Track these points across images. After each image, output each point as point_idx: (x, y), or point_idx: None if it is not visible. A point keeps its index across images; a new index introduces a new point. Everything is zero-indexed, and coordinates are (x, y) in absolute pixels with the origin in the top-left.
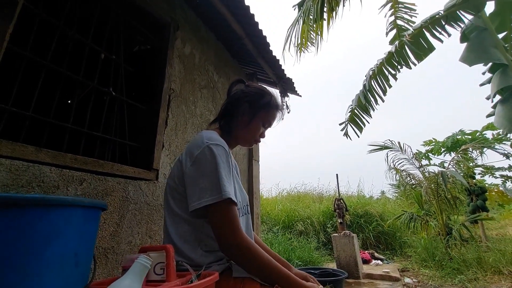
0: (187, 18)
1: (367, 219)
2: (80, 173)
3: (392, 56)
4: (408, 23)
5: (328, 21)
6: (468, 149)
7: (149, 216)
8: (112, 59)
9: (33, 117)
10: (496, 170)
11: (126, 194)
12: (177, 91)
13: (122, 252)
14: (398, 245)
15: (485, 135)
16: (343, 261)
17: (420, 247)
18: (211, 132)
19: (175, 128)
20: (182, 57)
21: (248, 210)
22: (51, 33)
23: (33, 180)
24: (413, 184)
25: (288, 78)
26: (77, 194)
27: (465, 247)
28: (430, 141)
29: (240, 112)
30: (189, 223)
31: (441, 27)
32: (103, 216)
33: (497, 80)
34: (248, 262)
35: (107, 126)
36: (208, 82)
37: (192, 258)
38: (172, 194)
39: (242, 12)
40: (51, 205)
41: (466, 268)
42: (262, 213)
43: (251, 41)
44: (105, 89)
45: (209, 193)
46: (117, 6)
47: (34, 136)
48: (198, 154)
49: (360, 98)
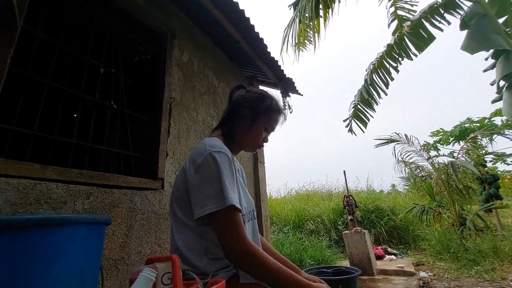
0: (183, 26)
1: (378, 214)
2: (86, 187)
3: (392, 49)
4: (409, 12)
5: (324, 18)
6: (477, 136)
7: (157, 225)
8: (112, 72)
9: (38, 136)
10: (507, 156)
11: (133, 205)
12: (178, 99)
13: (132, 262)
14: (411, 239)
15: (494, 122)
16: (356, 258)
17: (434, 239)
18: (214, 139)
19: (178, 136)
20: (181, 65)
21: (254, 215)
22: (50, 51)
23: (40, 197)
24: (423, 176)
25: (288, 78)
26: (84, 208)
27: (480, 237)
28: (438, 131)
29: (242, 118)
30: (195, 231)
31: (440, 15)
32: (111, 228)
33: (501, 66)
34: (254, 268)
35: (111, 139)
36: (208, 88)
37: (199, 266)
38: (177, 202)
39: (237, 16)
40: (54, 224)
41: (482, 258)
42: (272, 214)
43: (249, 44)
44: (107, 103)
45: (212, 201)
46: (113, 19)
47: (40, 153)
48: (201, 162)
49: (362, 93)
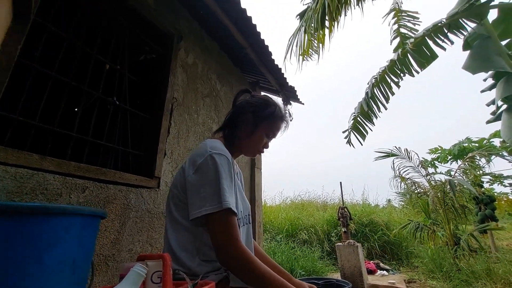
0: (191, 29)
1: (372, 228)
2: (82, 181)
3: (395, 64)
4: (411, 31)
5: (330, 30)
6: (475, 156)
7: (150, 224)
8: (117, 69)
9: (39, 126)
10: (504, 178)
11: (127, 202)
12: (180, 100)
13: (123, 260)
14: (404, 255)
15: (493, 143)
16: (347, 271)
17: (427, 257)
18: (215, 141)
19: (177, 136)
20: (185, 67)
21: (250, 220)
22: (58, 44)
23: (37, 188)
24: (419, 193)
25: (290, 86)
26: (79, 202)
27: (474, 258)
28: (436, 149)
29: (244, 122)
30: (189, 232)
31: (444, 35)
32: (104, 223)
33: (501, 88)
34: (245, 273)
35: (110, 135)
36: (210, 90)
37: (190, 267)
38: (174, 201)
39: (244, 22)
40: (52, 214)
41: (475, 279)
42: (266, 221)
43: (254, 50)
44: (109, 99)
45: (209, 202)
46: (123, 17)
47: (40, 144)
48: (201, 163)
49: (362, 106)
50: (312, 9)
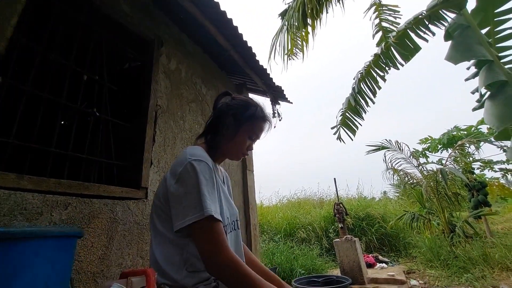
0: (171, 34)
1: (369, 221)
2: (64, 197)
3: (379, 58)
4: (393, 24)
5: (312, 28)
6: (465, 144)
7: (140, 236)
8: (96, 79)
9: (15, 144)
10: (494, 163)
11: (114, 215)
12: (164, 107)
13: (113, 275)
14: (402, 246)
15: (481, 130)
16: (346, 267)
17: (425, 247)
18: (195, 148)
19: (163, 144)
20: (168, 73)
21: (238, 226)
22: (31, 57)
23: (15, 208)
24: (413, 183)
25: (277, 86)
26: (62, 219)
27: (470, 244)
28: (426, 139)
29: (225, 126)
30: (174, 244)
31: (425, 27)
32: (90, 239)
33: (483, 76)
34: (235, 281)
35: (92, 147)
36: (196, 95)
37: (177, 280)
38: (157, 213)
39: (225, 24)
40: (17, 239)
41: (472, 265)
42: (263, 222)
43: (237, 52)
44: (89, 110)
45: (192, 211)
46: (99, 26)
47: (17, 162)
48: (181, 171)
49: (350, 101)
50: (292, 8)
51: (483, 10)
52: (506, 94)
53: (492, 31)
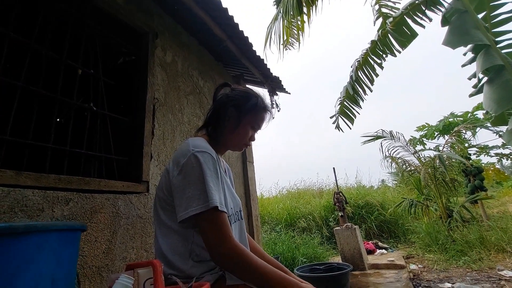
0: (166, 26)
1: (368, 209)
2: (65, 193)
3: (376, 45)
4: (392, 10)
5: (308, 15)
6: (461, 130)
7: (143, 230)
8: (90, 73)
9: (11, 141)
10: (490, 149)
11: (116, 210)
12: (162, 100)
13: (117, 269)
14: (401, 233)
15: (477, 115)
16: (347, 254)
17: (423, 232)
18: (198, 139)
19: (162, 137)
20: (164, 65)
21: (242, 216)
22: (23, 53)
23: (15, 205)
24: (411, 171)
25: (275, 77)
26: (64, 215)
27: (467, 228)
28: (423, 126)
29: (227, 117)
30: (179, 234)
31: (422, 12)
32: (94, 234)
33: (481, 61)
34: (241, 269)
35: (91, 143)
36: (193, 88)
37: (183, 270)
38: (161, 204)
39: (220, 14)
40: (19, 234)
41: (469, 249)
42: (264, 213)
43: (234, 43)
44: (85, 105)
45: (196, 202)
46: (91, 19)
47: (14, 160)
48: (184, 163)
49: (348, 89)
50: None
51: None
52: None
53: (488, 16)
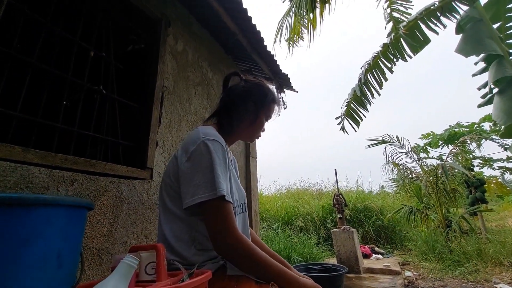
0: (179, 15)
1: (367, 213)
2: (70, 173)
3: (388, 49)
4: (404, 15)
5: (320, 12)
6: (466, 141)
7: (144, 216)
8: (102, 56)
9: (20, 117)
10: (494, 161)
11: (119, 194)
12: (170, 89)
13: (117, 252)
14: (398, 239)
15: (483, 127)
16: (343, 256)
17: (420, 240)
18: (208, 127)
19: (169, 125)
20: (175, 54)
21: (246, 208)
22: (37, 31)
23: (21, 181)
24: (412, 178)
25: (284, 74)
26: (67, 195)
27: (465, 239)
28: (428, 134)
29: (245, 110)
30: (183, 221)
31: (437, 18)
32: (96, 216)
33: (493, 71)
34: (243, 260)
35: (98, 126)
36: (202, 79)
37: (186, 257)
38: (167, 191)
39: (234, 6)
40: (29, 205)
41: (466, 260)
42: (262, 211)
43: (246, 37)
44: (95, 88)
45: (203, 190)
46: (106, 2)
47: (23, 137)
48: (194, 150)
49: (356, 91)
50: None
51: (495, 4)
52: None
53: (503, 26)
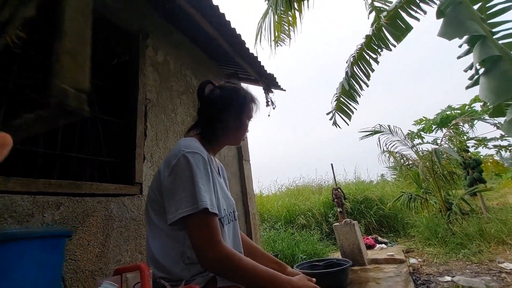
0: (156, 25)
1: (367, 204)
2: (55, 198)
3: (371, 40)
4: (385, 3)
5: (299, 10)
6: (459, 123)
7: (137, 232)
8: None
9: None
10: (488, 141)
11: (109, 213)
12: (154, 101)
13: (111, 272)
14: (400, 227)
15: (474, 108)
16: (347, 250)
17: (422, 226)
18: (190, 139)
19: (155, 138)
20: (156, 65)
21: (235, 217)
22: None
23: (4, 211)
24: (409, 165)
25: (269, 74)
26: (54, 220)
27: (467, 221)
28: (421, 119)
29: (228, 118)
30: (170, 236)
31: (416, 5)
32: (86, 238)
33: (477, 52)
34: (231, 274)
35: (82, 145)
36: (186, 87)
37: (174, 273)
38: (152, 206)
39: (211, 12)
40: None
41: (469, 241)
42: (263, 211)
43: (226, 40)
44: None
45: (184, 204)
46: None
47: (3, 165)
48: (175, 164)
49: (344, 85)
50: None
51: None
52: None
53: (483, 6)
